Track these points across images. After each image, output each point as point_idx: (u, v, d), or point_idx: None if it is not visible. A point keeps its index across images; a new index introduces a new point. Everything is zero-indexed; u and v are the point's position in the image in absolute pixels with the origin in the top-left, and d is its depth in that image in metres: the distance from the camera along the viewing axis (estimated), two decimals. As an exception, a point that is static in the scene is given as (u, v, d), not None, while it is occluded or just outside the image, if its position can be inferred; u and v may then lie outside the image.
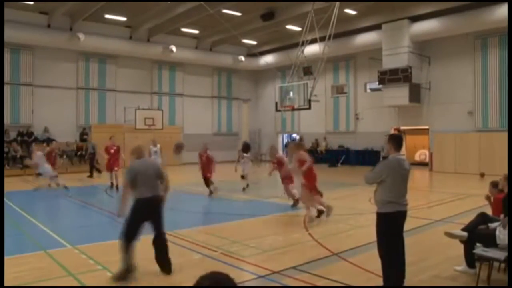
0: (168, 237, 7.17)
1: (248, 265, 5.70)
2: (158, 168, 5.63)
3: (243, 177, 13.89)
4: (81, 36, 20.73)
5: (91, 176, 17.90)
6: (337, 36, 18.16)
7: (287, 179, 10.34)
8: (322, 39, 17.17)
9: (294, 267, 5.49)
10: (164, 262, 5.36)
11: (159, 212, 5.41)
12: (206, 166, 12.23)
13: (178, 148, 12.20)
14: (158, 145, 15.10)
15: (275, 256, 6.09)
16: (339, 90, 25.39)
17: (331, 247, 6.42)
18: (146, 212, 5.29)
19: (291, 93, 18.38)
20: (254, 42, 25.85)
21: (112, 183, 13.75)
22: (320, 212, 8.65)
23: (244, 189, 13.28)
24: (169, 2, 18.38)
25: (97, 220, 9.57)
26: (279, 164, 10.67)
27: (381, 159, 6.31)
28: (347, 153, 24.07)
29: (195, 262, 5.81)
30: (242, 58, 27.19)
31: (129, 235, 5.17)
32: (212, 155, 12.54)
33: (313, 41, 17.67)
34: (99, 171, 18.22)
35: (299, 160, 8.55)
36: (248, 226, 8.20)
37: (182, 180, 15.59)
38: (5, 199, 10.76)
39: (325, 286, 4.91)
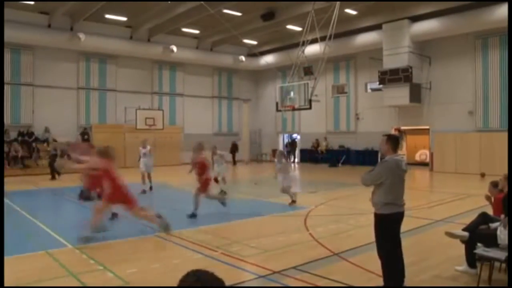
0: (168, 237, 7.22)
1: (249, 265, 5.69)
2: None
3: (216, 180, 11.85)
4: (82, 36, 20.75)
5: (53, 178, 16.92)
6: (338, 36, 18.16)
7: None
8: (322, 39, 17.19)
9: (294, 267, 5.48)
10: None
11: None
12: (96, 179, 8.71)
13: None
14: (148, 147, 13.95)
15: (275, 256, 6.08)
16: (339, 90, 25.39)
17: (332, 247, 6.42)
18: None
19: (292, 93, 18.39)
20: (254, 42, 25.84)
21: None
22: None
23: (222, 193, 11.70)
24: (169, 2, 18.39)
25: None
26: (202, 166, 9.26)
27: (379, 160, 6.29)
28: (348, 153, 24.08)
29: (195, 262, 5.79)
30: (243, 58, 27.19)
31: None
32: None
33: (314, 41, 17.69)
34: (57, 173, 17.01)
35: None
36: (248, 226, 8.19)
37: (182, 180, 15.57)
38: (5, 199, 10.76)
39: (326, 286, 4.91)
